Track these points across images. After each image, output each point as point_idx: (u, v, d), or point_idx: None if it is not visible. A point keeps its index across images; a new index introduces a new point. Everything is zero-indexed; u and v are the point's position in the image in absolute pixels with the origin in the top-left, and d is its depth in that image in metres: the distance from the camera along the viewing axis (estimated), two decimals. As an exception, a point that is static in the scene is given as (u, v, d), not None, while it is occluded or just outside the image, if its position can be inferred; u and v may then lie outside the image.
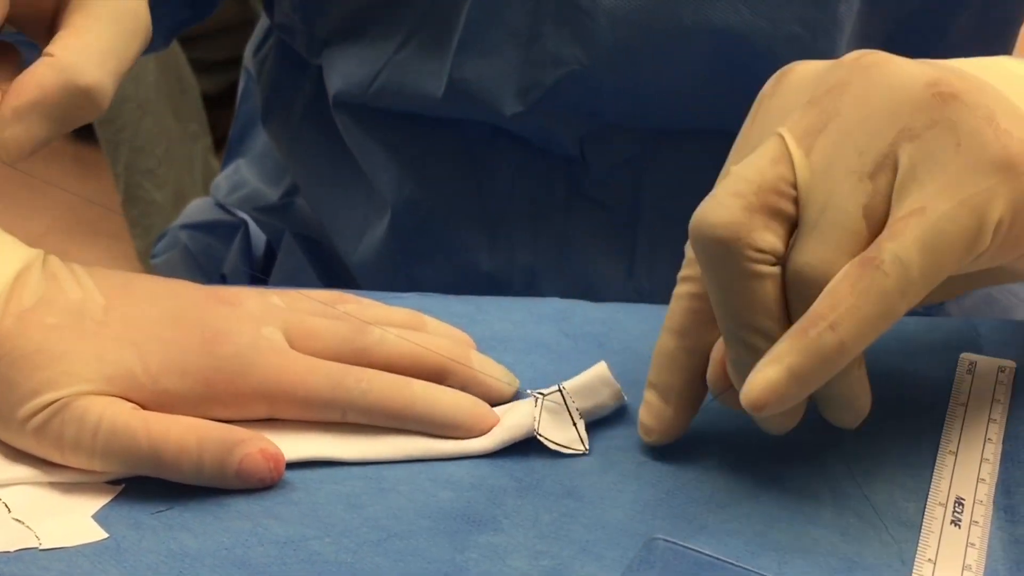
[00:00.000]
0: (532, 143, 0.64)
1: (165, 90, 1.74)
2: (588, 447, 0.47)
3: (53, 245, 0.68)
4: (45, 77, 0.44)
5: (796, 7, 0.58)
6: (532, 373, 0.51)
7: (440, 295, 0.57)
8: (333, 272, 0.78)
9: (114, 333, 0.46)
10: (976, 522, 0.43)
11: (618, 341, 0.54)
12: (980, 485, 0.45)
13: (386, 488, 0.45)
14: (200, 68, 1.85)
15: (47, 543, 0.42)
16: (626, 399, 0.48)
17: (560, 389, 0.47)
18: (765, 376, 0.40)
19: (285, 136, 0.74)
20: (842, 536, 0.43)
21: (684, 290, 0.46)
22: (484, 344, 0.53)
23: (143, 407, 0.45)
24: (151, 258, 0.88)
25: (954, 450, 0.46)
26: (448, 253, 0.67)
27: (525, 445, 0.47)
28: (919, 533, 0.43)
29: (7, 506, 0.44)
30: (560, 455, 0.47)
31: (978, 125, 0.40)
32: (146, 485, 0.45)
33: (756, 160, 0.42)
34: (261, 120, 0.76)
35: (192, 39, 1.82)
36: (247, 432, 0.45)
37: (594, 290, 0.65)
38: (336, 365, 0.47)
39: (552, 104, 0.61)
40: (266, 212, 0.82)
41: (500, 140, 0.64)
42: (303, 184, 0.75)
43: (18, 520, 0.43)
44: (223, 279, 0.82)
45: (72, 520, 0.43)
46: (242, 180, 0.85)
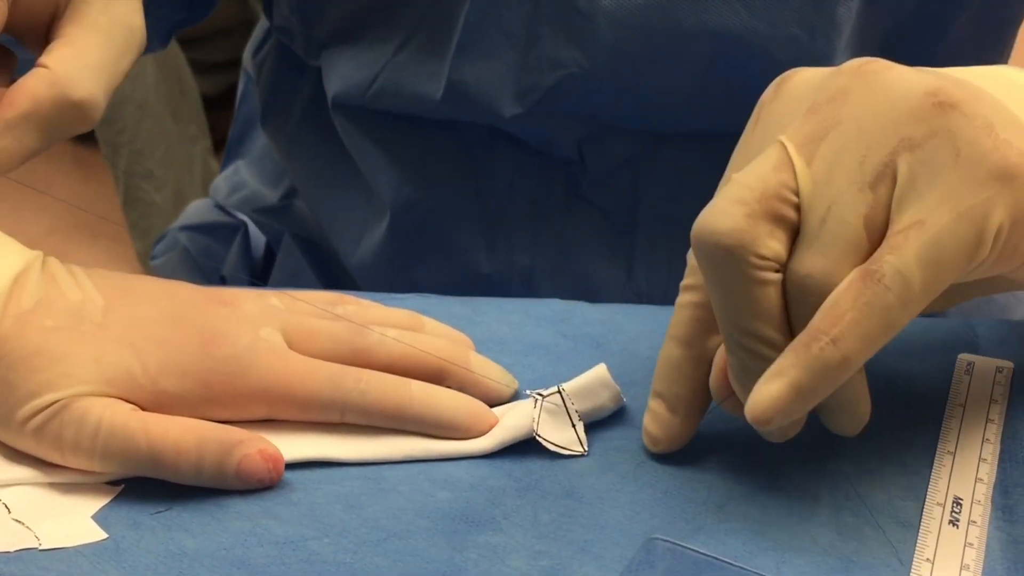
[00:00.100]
0: (531, 145, 0.64)
1: (164, 92, 1.74)
2: (587, 448, 0.47)
3: (53, 247, 0.68)
4: (38, 89, 0.45)
5: (794, 9, 0.58)
6: (530, 374, 0.51)
7: (439, 296, 0.57)
8: (332, 274, 0.78)
9: (113, 335, 0.46)
10: (974, 522, 0.43)
11: (617, 342, 0.54)
12: (978, 485, 0.45)
13: (385, 488, 0.45)
14: (199, 70, 1.85)
15: (47, 543, 0.42)
16: (625, 401, 0.49)
17: (559, 390, 0.47)
18: (768, 391, 0.41)
19: (284, 138, 0.74)
20: (840, 536, 0.43)
21: (687, 299, 0.46)
22: (483, 345, 0.53)
23: (142, 408, 0.45)
24: (151, 260, 0.88)
25: (952, 450, 0.46)
26: (447, 255, 0.67)
27: (524, 446, 0.47)
28: (917, 533, 0.43)
29: (7, 507, 0.44)
30: (559, 456, 0.47)
31: (977, 135, 0.40)
32: (145, 486, 0.45)
33: (758, 167, 0.42)
34: (260, 122, 0.76)
35: (192, 40, 1.82)
36: (246, 433, 0.45)
37: (593, 292, 0.65)
38: (335, 366, 0.47)
39: (551, 106, 0.61)
40: (265, 214, 0.82)
41: (499, 142, 0.64)
42: (302, 186, 0.75)
43: (18, 520, 0.43)
44: (222, 280, 0.82)
45: (72, 520, 0.43)
46: (241, 182, 0.85)
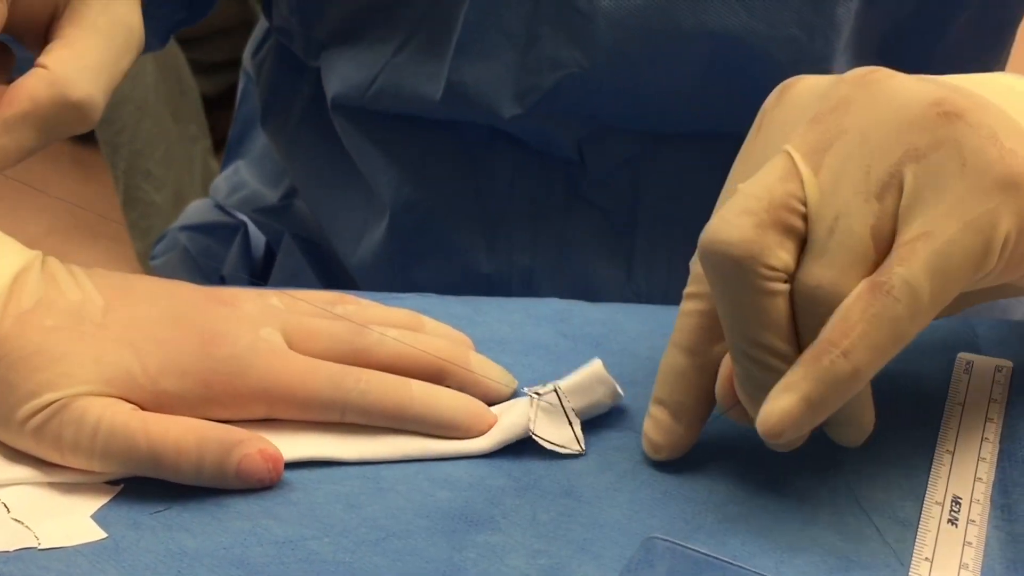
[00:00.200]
0: (531, 145, 0.64)
1: (164, 92, 1.74)
2: (584, 447, 0.47)
3: (53, 247, 0.68)
4: (37, 89, 0.45)
5: (793, 10, 0.58)
6: (530, 374, 0.51)
7: (439, 296, 0.57)
8: (332, 274, 0.78)
9: (113, 334, 0.46)
10: (973, 521, 0.43)
11: (616, 342, 0.54)
12: (977, 484, 0.45)
13: (384, 488, 0.45)
14: (199, 70, 1.85)
15: (46, 543, 0.42)
16: (622, 395, 0.48)
17: (556, 389, 0.47)
18: (780, 405, 0.41)
19: (284, 138, 0.74)
20: (839, 535, 0.43)
21: (692, 307, 0.46)
22: (483, 345, 0.53)
23: (142, 408, 0.45)
24: (150, 260, 0.88)
25: (951, 449, 0.46)
26: (447, 255, 0.67)
27: (523, 445, 0.47)
28: (916, 532, 0.43)
29: (6, 506, 0.44)
30: (556, 455, 0.47)
31: (982, 144, 0.40)
32: (145, 485, 0.45)
33: (764, 177, 0.42)
34: (260, 122, 0.76)
35: (191, 40, 1.82)
36: (246, 433, 0.45)
37: (593, 292, 0.65)
38: (335, 366, 0.47)
39: (550, 106, 0.61)
40: (265, 214, 0.82)
41: (499, 142, 0.65)
42: (302, 186, 0.75)
43: (17, 520, 0.43)
44: (222, 280, 0.82)
45: (71, 520, 0.43)
46: (241, 182, 0.85)
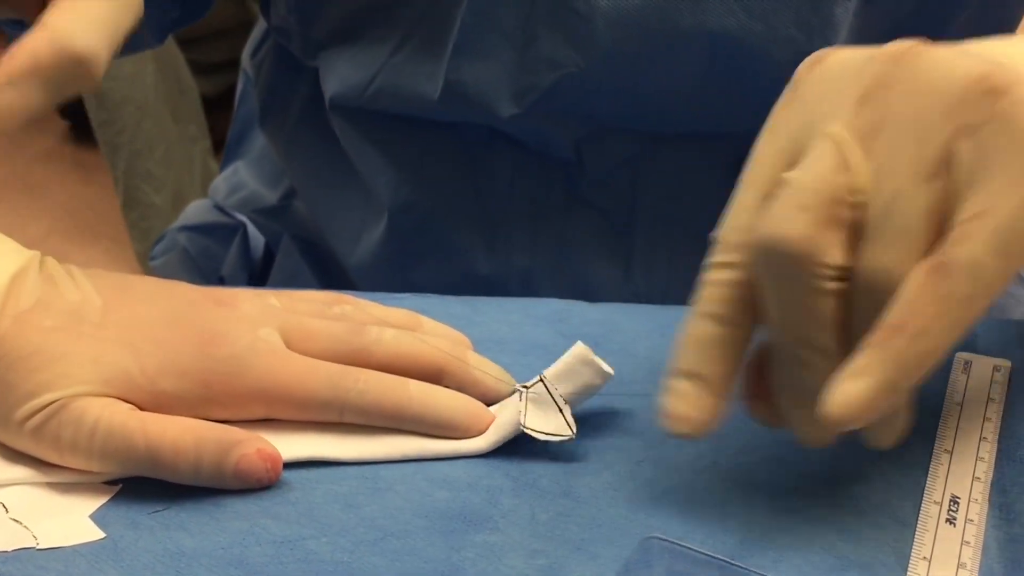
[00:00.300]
0: (529, 146, 0.64)
1: (164, 92, 1.74)
2: (576, 431, 0.47)
3: (53, 247, 0.68)
4: (38, 43, 0.44)
5: (791, 9, 0.58)
6: (529, 374, 0.51)
7: (437, 296, 0.57)
8: (331, 274, 0.78)
9: (111, 335, 0.46)
10: (971, 520, 0.43)
11: (615, 342, 0.54)
12: (975, 483, 0.45)
13: (382, 488, 0.46)
14: (199, 70, 1.85)
15: (45, 543, 0.42)
16: (611, 373, 0.48)
17: (542, 378, 0.47)
18: (850, 390, 0.39)
19: (282, 138, 0.74)
20: (837, 534, 0.43)
21: (723, 276, 0.44)
22: (481, 345, 0.53)
23: (140, 408, 0.45)
24: (150, 260, 0.88)
25: (949, 448, 0.47)
26: (445, 255, 0.67)
27: (521, 445, 0.47)
28: (914, 531, 0.43)
29: (5, 506, 0.44)
30: (556, 454, 0.47)
31: None
32: (143, 485, 0.45)
33: (816, 167, 0.41)
34: (258, 122, 0.76)
35: (191, 41, 1.83)
36: (244, 433, 0.45)
37: (591, 292, 0.65)
38: (333, 366, 0.47)
39: (548, 106, 0.61)
40: (264, 214, 0.82)
41: (497, 142, 0.65)
42: (300, 186, 0.75)
43: (16, 520, 0.43)
44: (221, 281, 0.82)
45: (70, 520, 0.43)
46: (241, 182, 0.85)
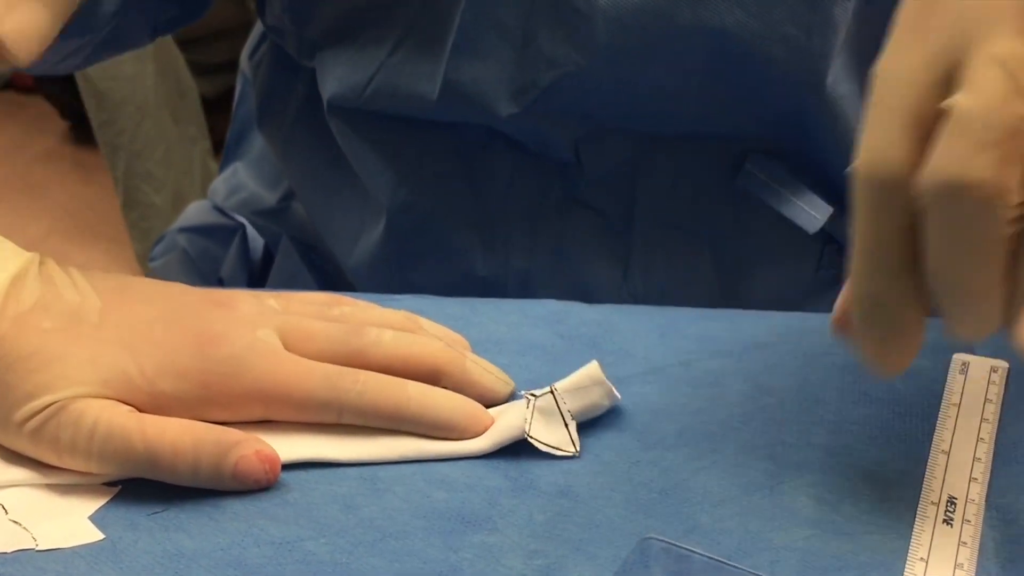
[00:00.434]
0: (528, 146, 0.64)
1: (164, 93, 1.75)
2: (579, 449, 0.47)
3: (53, 248, 0.68)
4: None
5: (790, 9, 0.58)
6: (527, 375, 0.51)
7: (435, 297, 0.57)
8: (329, 276, 0.78)
9: (110, 336, 0.46)
10: (968, 521, 0.43)
11: (613, 343, 0.54)
12: (972, 484, 0.45)
13: (381, 489, 0.46)
14: (199, 71, 1.85)
15: (44, 544, 0.42)
16: (619, 397, 0.49)
17: (552, 390, 0.48)
18: None
19: (280, 139, 0.74)
20: (835, 535, 0.43)
21: (886, 224, 0.39)
22: (479, 346, 0.53)
23: (139, 409, 0.46)
24: (149, 261, 0.88)
25: (946, 449, 0.47)
26: (444, 256, 0.67)
27: (519, 446, 0.47)
28: (911, 532, 0.43)
29: (4, 508, 0.44)
30: (551, 456, 0.47)
31: None
32: (142, 486, 0.45)
33: (983, 97, 0.37)
34: (256, 123, 0.76)
35: (191, 42, 1.83)
36: (243, 434, 0.45)
37: (589, 293, 0.65)
38: (332, 367, 0.48)
39: (547, 106, 0.61)
40: (263, 216, 0.82)
41: (496, 143, 0.65)
42: (298, 187, 0.75)
43: (15, 521, 0.43)
44: (220, 282, 0.82)
45: (69, 521, 0.43)
46: (240, 183, 0.85)
